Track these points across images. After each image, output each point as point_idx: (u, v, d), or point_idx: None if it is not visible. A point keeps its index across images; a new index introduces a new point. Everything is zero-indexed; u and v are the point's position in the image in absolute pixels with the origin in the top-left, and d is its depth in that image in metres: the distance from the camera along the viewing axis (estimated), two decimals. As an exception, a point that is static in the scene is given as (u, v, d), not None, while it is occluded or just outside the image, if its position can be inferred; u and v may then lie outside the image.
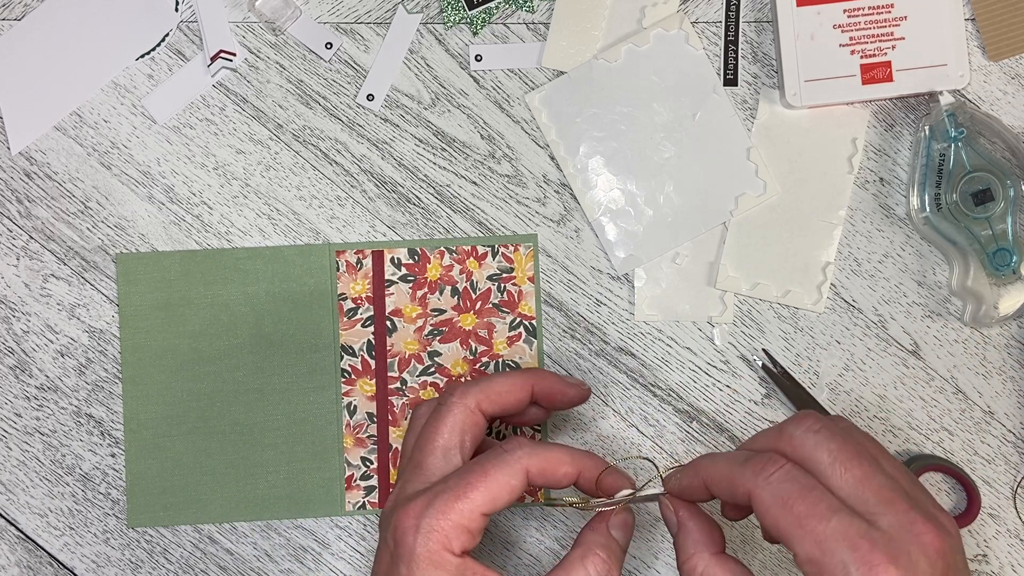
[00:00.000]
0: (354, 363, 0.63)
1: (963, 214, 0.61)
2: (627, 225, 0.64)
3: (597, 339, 0.64)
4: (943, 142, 0.61)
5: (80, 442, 0.63)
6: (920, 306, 0.64)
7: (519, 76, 0.64)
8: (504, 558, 0.63)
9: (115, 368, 0.63)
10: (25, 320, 0.63)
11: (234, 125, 0.64)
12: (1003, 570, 0.63)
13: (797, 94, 0.63)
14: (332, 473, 0.63)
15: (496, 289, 0.64)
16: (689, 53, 0.64)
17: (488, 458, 0.51)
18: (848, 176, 0.64)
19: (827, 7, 0.63)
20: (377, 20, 0.64)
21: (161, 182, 0.64)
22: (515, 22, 0.64)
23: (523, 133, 0.64)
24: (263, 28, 0.64)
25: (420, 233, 0.64)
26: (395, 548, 0.49)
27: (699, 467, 0.49)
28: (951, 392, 0.64)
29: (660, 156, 0.64)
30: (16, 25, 0.64)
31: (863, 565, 0.41)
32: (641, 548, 0.63)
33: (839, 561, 0.41)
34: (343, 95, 0.64)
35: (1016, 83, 0.64)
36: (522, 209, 0.64)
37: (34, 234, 0.64)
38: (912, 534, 0.42)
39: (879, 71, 0.63)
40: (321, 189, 0.64)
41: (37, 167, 0.64)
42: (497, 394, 0.54)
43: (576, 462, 0.52)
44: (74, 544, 0.63)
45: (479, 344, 0.64)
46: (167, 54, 0.64)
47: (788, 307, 0.64)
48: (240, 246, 0.64)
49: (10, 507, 0.63)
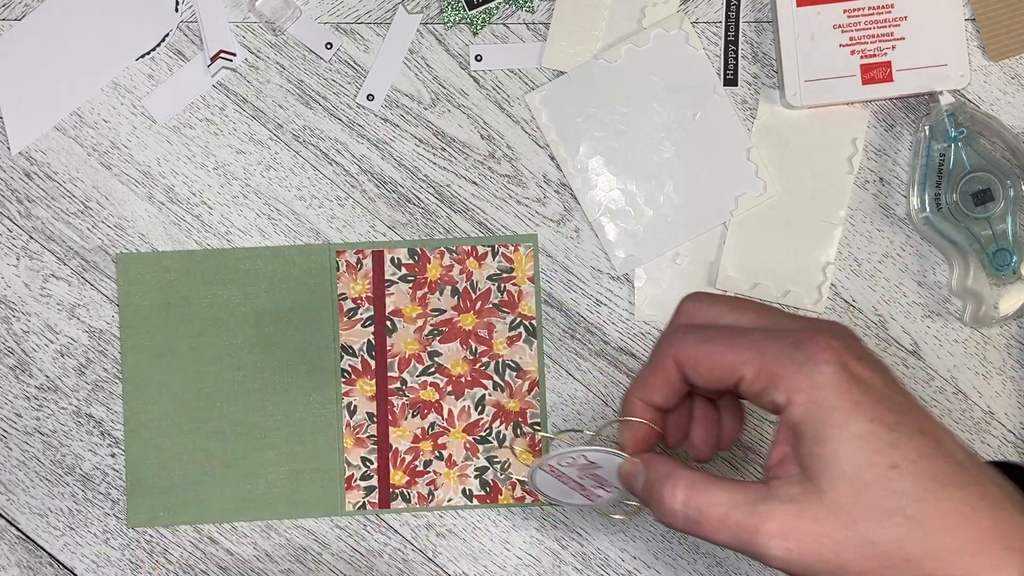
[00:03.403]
0: (354, 363, 0.63)
1: (963, 214, 0.61)
2: (627, 225, 0.64)
3: (597, 339, 0.64)
4: (943, 142, 0.61)
5: (80, 442, 0.63)
6: (920, 306, 0.64)
7: (519, 76, 0.64)
8: (504, 558, 0.63)
9: (115, 368, 0.63)
10: (25, 320, 0.63)
11: (234, 125, 0.64)
12: (1003, 570, 0.63)
13: (797, 94, 0.63)
14: (332, 473, 0.63)
15: (496, 289, 0.64)
16: (689, 53, 0.64)
17: None
18: (848, 176, 0.64)
19: (827, 7, 0.63)
20: (377, 20, 0.64)
21: (161, 182, 0.64)
22: (515, 22, 0.64)
23: (523, 133, 0.64)
24: (263, 28, 0.64)
25: (420, 233, 0.64)
26: None
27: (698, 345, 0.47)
28: (951, 392, 0.64)
29: (660, 156, 0.64)
30: (16, 25, 0.64)
31: None
32: (641, 548, 0.63)
33: None
34: (343, 95, 0.64)
35: (1016, 83, 0.64)
36: (522, 209, 0.64)
37: (34, 234, 0.64)
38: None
39: (879, 71, 0.63)
40: (321, 189, 0.64)
41: (37, 167, 0.64)
42: None
43: None
44: (74, 544, 0.63)
45: (479, 344, 0.64)
46: (167, 54, 0.64)
47: (788, 307, 0.64)
48: (240, 246, 0.64)
49: (10, 507, 0.63)
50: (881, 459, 0.41)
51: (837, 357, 0.43)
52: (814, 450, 0.42)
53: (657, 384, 0.48)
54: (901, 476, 0.41)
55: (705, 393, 0.50)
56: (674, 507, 0.45)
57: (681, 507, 0.44)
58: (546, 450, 0.62)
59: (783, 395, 0.43)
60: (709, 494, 0.44)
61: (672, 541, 0.63)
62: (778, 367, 0.43)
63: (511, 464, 0.63)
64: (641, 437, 0.49)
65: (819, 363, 0.43)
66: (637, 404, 0.49)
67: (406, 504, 0.63)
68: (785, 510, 0.42)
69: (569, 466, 0.51)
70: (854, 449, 0.41)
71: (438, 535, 0.63)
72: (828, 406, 0.42)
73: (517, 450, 0.63)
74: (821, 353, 0.43)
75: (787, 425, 0.43)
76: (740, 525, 0.43)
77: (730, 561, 0.63)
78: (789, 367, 0.43)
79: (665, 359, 0.47)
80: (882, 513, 0.41)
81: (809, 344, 0.43)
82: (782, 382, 0.43)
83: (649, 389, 0.48)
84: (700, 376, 0.46)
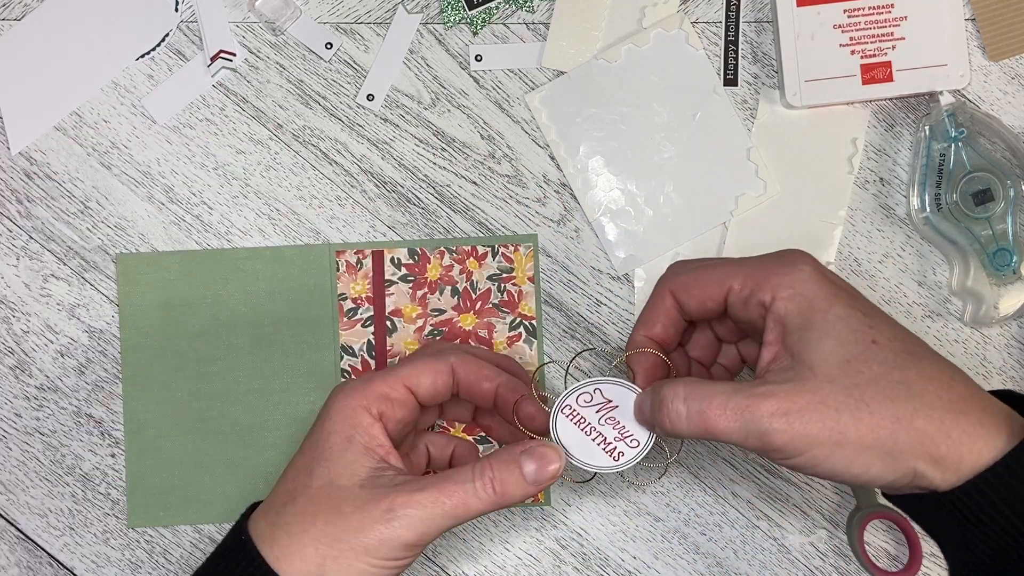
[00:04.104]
0: (354, 363, 0.63)
1: (963, 214, 0.61)
2: (627, 225, 0.64)
3: (597, 339, 0.64)
4: (943, 142, 0.61)
5: (80, 442, 0.63)
6: (920, 306, 0.64)
7: (519, 76, 0.64)
8: (504, 558, 0.63)
9: (115, 368, 0.63)
10: (25, 320, 0.63)
11: (234, 125, 0.64)
12: (1003, 570, 0.63)
13: (797, 94, 0.63)
14: (332, 473, 0.63)
15: (496, 289, 0.64)
16: (689, 53, 0.64)
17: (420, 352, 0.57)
18: (848, 176, 0.64)
19: (827, 7, 0.63)
20: (377, 20, 0.64)
21: (161, 182, 0.64)
22: (515, 22, 0.64)
23: (523, 133, 0.64)
24: (263, 28, 0.64)
25: (420, 233, 0.64)
26: (322, 408, 0.53)
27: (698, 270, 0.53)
28: (951, 392, 0.64)
29: (660, 156, 0.64)
30: (16, 25, 0.64)
31: None
32: (641, 548, 0.63)
33: None
34: (343, 95, 0.64)
35: (1016, 83, 0.64)
36: (522, 209, 0.64)
37: (34, 234, 0.64)
38: None
39: (879, 71, 0.63)
40: (321, 189, 0.64)
41: (37, 167, 0.64)
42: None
43: (496, 378, 0.55)
44: (74, 544, 0.63)
45: (479, 344, 0.64)
46: (167, 54, 0.64)
47: (788, 307, 0.64)
48: (240, 246, 0.64)
49: (10, 507, 0.63)
50: (863, 336, 0.46)
51: (813, 261, 0.49)
52: (803, 335, 0.47)
53: (657, 317, 0.53)
54: (882, 350, 0.46)
55: (699, 319, 0.54)
56: (678, 406, 0.48)
57: (683, 404, 0.47)
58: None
59: (768, 294, 0.48)
60: (708, 388, 0.47)
61: (672, 541, 0.63)
62: (763, 272, 0.49)
63: None
64: (649, 368, 0.53)
65: (799, 263, 0.49)
66: (641, 339, 0.53)
67: (406, 504, 0.63)
68: (783, 389, 0.46)
69: (587, 406, 0.53)
70: (838, 328, 0.46)
71: (438, 535, 0.63)
72: (810, 295, 0.47)
73: None
74: (800, 257, 0.49)
75: (775, 321, 0.48)
76: (741, 407, 0.46)
77: (730, 561, 0.63)
78: (773, 270, 0.49)
79: (662, 292, 0.53)
80: (870, 379, 0.45)
81: (788, 254, 0.50)
82: (767, 282, 0.48)
83: (650, 323, 0.53)
84: (692, 297, 0.51)
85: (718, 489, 0.64)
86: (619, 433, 0.53)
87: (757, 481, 0.63)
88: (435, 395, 0.54)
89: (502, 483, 0.50)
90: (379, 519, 0.48)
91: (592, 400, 0.53)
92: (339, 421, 0.51)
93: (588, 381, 0.53)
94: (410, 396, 0.53)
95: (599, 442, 0.53)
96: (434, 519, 0.49)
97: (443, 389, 0.54)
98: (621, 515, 0.63)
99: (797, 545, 0.63)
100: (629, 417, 0.53)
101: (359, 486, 0.49)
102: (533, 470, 0.50)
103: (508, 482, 0.50)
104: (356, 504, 0.49)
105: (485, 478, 0.50)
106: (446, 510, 0.49)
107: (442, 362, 0.54)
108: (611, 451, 0.53)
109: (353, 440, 0.51)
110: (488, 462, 0.50)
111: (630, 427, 0.53)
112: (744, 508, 0.63)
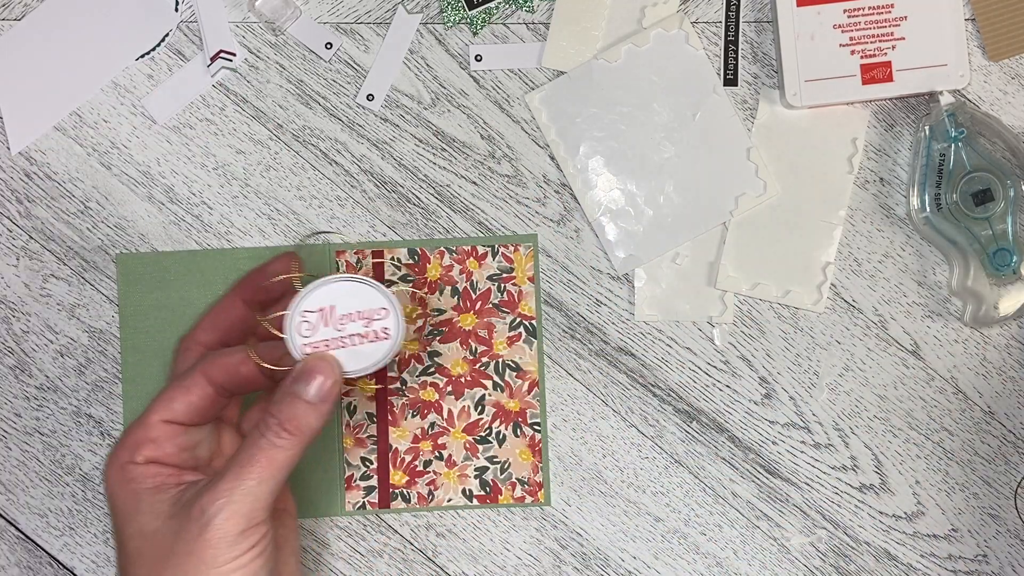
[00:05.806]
0: (354, 363, 0.63)
1: (963, 214, 0.61)
2: (627, 225, 0.64)
3: (597, 339, 0.64)
4: (943, 142, 0.61)
5: (80, 442, 0.63)
6: (920, 306, 0.64)
7: (519, 76, 0.64)
8: (504, 558, 0.63)
9: (115, 368, 0.63)
10: (25, 320, 0.63)
11: (234, 125, 0.64)
12: (1003, 570, 0.63)
13: (797, 94, 0.63)
14: (332, 473, 0.63)
15: (496, 289, 0.64)
16: (689, 53, 0.64)
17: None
18: (848, 176, 0.64)
19: (827, 7, 0.63)
20: (377, 20, 0.64)
21: (161, 182, 0.64)
22: (515, 22, 0.64)
23: (523, 133, 0.64)
24: (263, 28, 0.64)
25: (420, 233, 0.64)
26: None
27: None
28: (951, 392, 0.64)
29: (660, 156, 0.64)
30: (16, 25, 0.64)
31: None
32: (641, 548, 0.63)
33: None
34: (343, 95, 0.64)
35: (1016, 83, 0.64)
36: (522, 209, 0.64)
37: (34, 234, 0.64)
38: None
39: (879, 71, 0.63)
40: (321, 189, 0.64)
41: (37, 167, 0.64)
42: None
43: (249, 361, 0.52)
44: (74, 544, 0.63)
45: (479, 344, 0.64)
46: (167, 54, 0.64)
47: (788, 307, 0.64)
48: (240, 246, 0.64)
49: (10, 507, 0.63)
50: None
51: None
52: None
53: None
54: None
55: None
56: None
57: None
58: None
59: None
60: None
61: (672, 541, 0.63)
62: None
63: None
64: None
65: None
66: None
67: (406, 504, 0.63)
68: None
69: (315, 312, 0.51)
70: None
71: (438, 535, 0.63)
72: None
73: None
74: None
75: None
76: None
77: (730, 561, 0.63)
78: None
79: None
80: None
81: None
82: None
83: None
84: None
85: (718, 489, 0.64)
86: (364, 325, 0.51)
87: (757, 481, 0.64)
88: (200, 411, 0.52)
89: (291, 420, 0.49)
90: (199, 531, 0.47)
91: (317, 307, 0.51)
92: (117, 487, 0.50)
93: (299, 295, 0.51)
94: (171, 426, 0.51)
95: (356, 340, 0.51)
96: (251, 494, 0.48)
97: (204, 401, 0.52)
98: (621, 515, 0.63)
99: (797, 545, 0.63)
100: (358, 307, 0.51)
101: (169, 518, 0.49)
102: (309, 388, 0.50)
103: (296, 415, 0.49)
104: (175, 534, 0.48)
105: (272, 426, 0.49)
106: (258, 478, 0.48)
107: (190, 378, 0.52)
108: (372, 339, 0.52)
109: (139, 493, 0.50)
110: (268, 410, 0.50)
111: (368, 314, 0.51)
112: (744, 508, 0.63)
